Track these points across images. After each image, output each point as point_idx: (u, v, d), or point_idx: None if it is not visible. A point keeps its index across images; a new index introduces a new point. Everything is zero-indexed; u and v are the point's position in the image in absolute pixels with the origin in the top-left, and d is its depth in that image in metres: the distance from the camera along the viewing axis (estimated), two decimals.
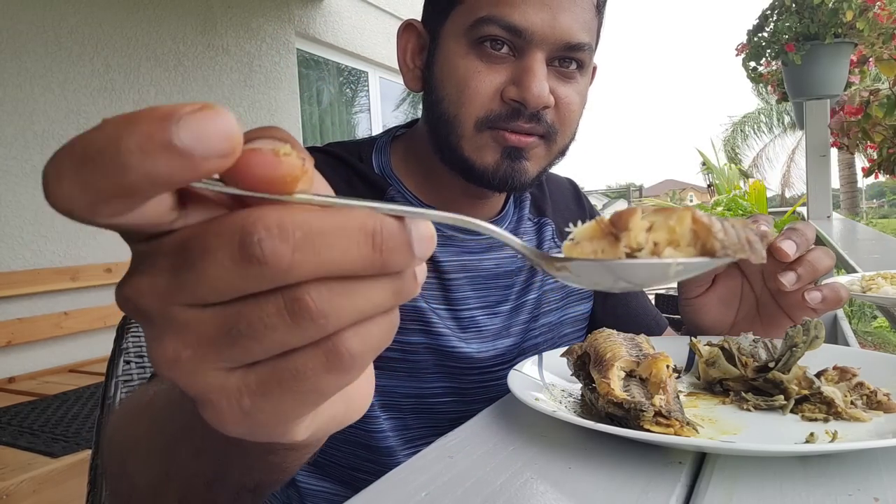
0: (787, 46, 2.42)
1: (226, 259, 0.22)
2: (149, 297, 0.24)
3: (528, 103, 0.67)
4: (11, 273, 2.85)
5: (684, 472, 0.42)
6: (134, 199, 0.20)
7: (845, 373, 0.55)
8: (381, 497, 0.41)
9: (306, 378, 0.24)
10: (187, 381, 0.24)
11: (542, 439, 0.48)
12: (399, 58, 0.78)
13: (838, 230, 2.25)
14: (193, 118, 0.19)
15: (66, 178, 0.20)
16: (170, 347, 0.24)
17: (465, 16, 0.69)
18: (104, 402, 0.89)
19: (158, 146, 0.19)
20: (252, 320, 0.23)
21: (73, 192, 0.20)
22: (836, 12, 2.29)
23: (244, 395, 0.24)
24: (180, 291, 0.23)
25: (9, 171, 2.88)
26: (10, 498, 1.66)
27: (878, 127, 2.19)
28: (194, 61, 3.82)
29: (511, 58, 0.69)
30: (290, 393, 0.24)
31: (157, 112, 0.20)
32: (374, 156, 0.81)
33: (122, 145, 0.19)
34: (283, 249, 0.21)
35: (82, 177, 0.20)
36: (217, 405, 0.24)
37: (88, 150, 0.20)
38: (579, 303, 0.91)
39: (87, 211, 0.21)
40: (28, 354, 2.91)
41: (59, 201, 0.20)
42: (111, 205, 0.20)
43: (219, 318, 0.23)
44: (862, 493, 0.38)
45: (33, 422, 2.16)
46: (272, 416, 0.25)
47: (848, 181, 16.76)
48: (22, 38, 2.95)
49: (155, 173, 0.19)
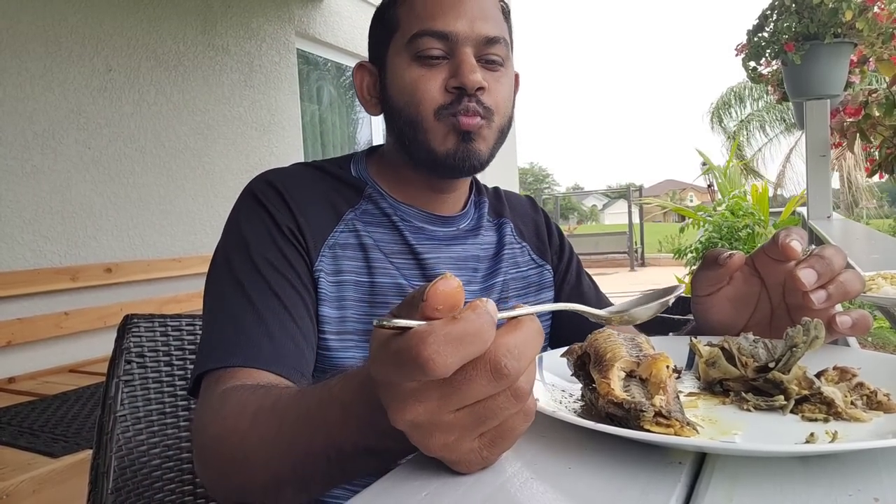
0: (786, 46, 2.41)
1: (483, 381, 0.36)
2: (424, 415, 0.37)
3: (467, 86, 0.81)
4: (11, 273, 2.85)
5: (684, 472, 0.42)
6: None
7: (845, 373, 0.55)
8: (381, 497, 0.41)
9: (515, 430, 0.40)
10: (452, 455, 0.40)
11: (542, 439, 0.49)
12: (358, 95, 0.93)
13: (838, 230, 2.25)
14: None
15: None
16: (440, 439, 0.39)
17: (402, 37, 0.85)
18: (105, 401, 0.89)
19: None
20: (493, 409, 0.38)
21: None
22: (835, 12, 2.29)
23: (484, 449, 0.40)
24: (448, 406, 0.37)
25: (9, 171, 2.88)
26: (10, 498, 1.67)
27: (878, 127, 2.19)
28: (194, 61, 3.82)
29: (446, 60, 0.83)
30: (506, 440, 0.40)
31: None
32: (352, 166, 0.94)
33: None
34: (516, 365, 0.36)
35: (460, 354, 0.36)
36: (468, 461, 0.40)
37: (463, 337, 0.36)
38: (539, 292, 1.02)
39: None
40: (28, 354, 2.91)
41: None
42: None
43: (473, 414, 0.38)
44: (862, 494, 0.38)
45: (33, 422, 2.16)
46: (496, 456, 0.41)
47: (848, 181, 16.76)
48: (22, 38, 2.95)
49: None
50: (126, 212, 3.39)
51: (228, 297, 0.77)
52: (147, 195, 3.50)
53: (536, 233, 1.07)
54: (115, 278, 3.27)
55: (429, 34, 0.82)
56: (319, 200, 0.87)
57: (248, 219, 0.83)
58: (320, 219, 0.85)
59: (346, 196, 0.89)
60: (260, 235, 0.81)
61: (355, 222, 0.87)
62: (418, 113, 0.83)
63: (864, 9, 2.29)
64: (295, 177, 0.88)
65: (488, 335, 0.35)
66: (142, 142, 3.48)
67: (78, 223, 3.17)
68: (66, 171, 3.11)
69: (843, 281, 0.62)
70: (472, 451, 0.40)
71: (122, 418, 0.88)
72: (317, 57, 4.98)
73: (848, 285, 0.62)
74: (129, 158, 3.41)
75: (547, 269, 1.04)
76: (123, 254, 3.37)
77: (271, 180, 0.86)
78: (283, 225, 0.82)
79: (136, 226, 3.45)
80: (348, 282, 0.84)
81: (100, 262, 3.23)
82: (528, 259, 1.02)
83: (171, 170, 3.64)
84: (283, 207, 0.83)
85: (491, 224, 1.01)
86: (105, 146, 3.29)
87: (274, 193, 0.84)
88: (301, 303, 0.79)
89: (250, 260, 0.79)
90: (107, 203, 3.30)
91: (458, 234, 0.94)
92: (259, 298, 0.76)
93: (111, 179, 3.32)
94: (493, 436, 0.40)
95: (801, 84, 2.56)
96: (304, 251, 0.82)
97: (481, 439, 0.40)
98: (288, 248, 0.81)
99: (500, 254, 0.97)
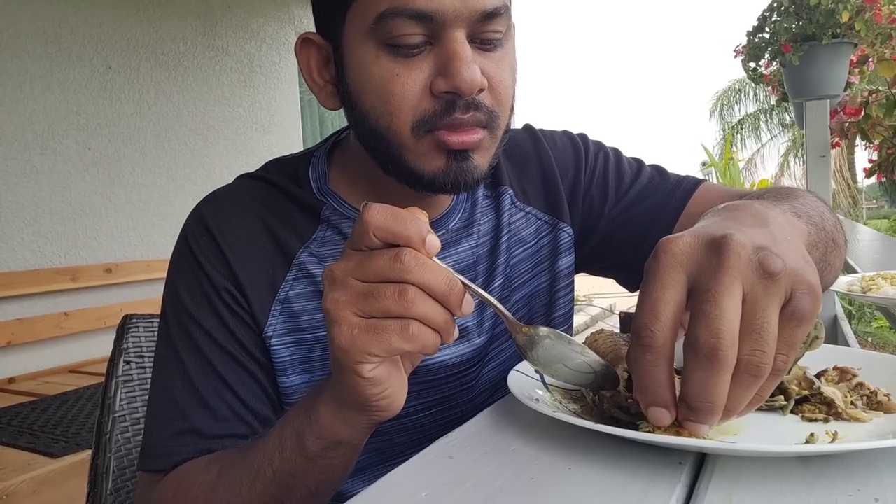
0: (783, 47, 2.42)
1: (385, 258, 0.46)
2: (341, 271, 0.48)
3: (462, 91, 0.59)
4: (11, 273, 2.85)
5: (684, 472, 0.42)
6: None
7: (845, 373, 0.56)
8: (381, 497, 0.41)
9: (388, 333, 0.46)
10: (335, 311, 0.47)
11: (542, 440, 0.49)
12: (305, 77, 0.70)
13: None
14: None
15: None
16: (337, 293, 0.47)
17: (364, 15, 0.60)
18: (104, 402, 0.89)
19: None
20: (380, 290, 0.46)
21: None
22: (832, 13, 2.29)
23: (356, 328, 0.47)
24: (356, 270, 0.47)
25: (9, 171, 2.88)
26: (10, 498, 1.67)
27: (878, 127, 2.20)
28: (194, 61, 3.82)
29: (428, 46, 0.60)
30: (377, 336, 0.46)
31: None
32: (311, 172, 0.75)
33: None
34: (411, 261, 0.46)
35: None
36: (341, 327, 0.47)
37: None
38: (554, 262, 0.83)
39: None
40: (28, 355, 2.91)
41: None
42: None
43: (366, 286, 0.47)
44: (862, 494, 0.38)
45: (33, 422, 2.16)
46: (363, 344, 0.47)
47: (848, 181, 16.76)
48: (22, 38, 2.95)
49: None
50: (126, 212, 3.39)
51: (170, 376, 0.67)
52: (147, 195, 3.50)
53: (543, 182, 0.84)
54: (114, 278, 3.27)
55: (402, 14, 0.58)
56: (265, 241, 0.71)
57: (183, 275, 0.70)
58: (266, 269, 0.69)
59: (297, 227, 0.72)
60: (196, 299, 0.68)
61: (309, 265, 0.70)
62: (390, 126, 0.62)
63: (861, 9, 2.29)
64: (235, 209, 0.71)
65: (411, 226, 0.46)
66: (142, 142, 3.48)
67: (78, 223, 3.17)
68: (66, 172, 3.11)
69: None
70: (347, 321, 0.47)
71: (120, 418, 0.88)
72: None
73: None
74: (129, 159, 3.41)
75: (562, 227, 0.83)
76: (123, 254, 3.37)
77: (206, 221, 0.70)
78: (221, 287, 0.68)
79: (136, 226, 3.45)
80: (311, 340, 0.69)
81: (100, 263, 3.23)
82: (535, 227, 0.83)
83: (171, 170, 3.64)
84: (219, 261, 0.68)
85: (488, 203, 0.81)
86: (105, 146, 3.29)
87: (207, 241, 0.69)
88: (251, 379, 0.68)
89: (187, 333, 0.67)
90: (107, 203, 3.30)
91: (447, 238, 0.76)
92: (202, 382, 0.66)
93: (111, 180, 3.32)
94: (369, 324, 0.47)
95: (800, 84, 2.56)
96: (248, 316, 0.68)
97: (360, 320, 0.47)
98: (229, 316, 0.68)
99: (498, 243, 0.79)
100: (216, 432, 0.65)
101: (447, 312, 0.47)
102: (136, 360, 0.92)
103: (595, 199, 0.85)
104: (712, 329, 0.39)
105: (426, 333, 0.47)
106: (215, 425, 0.65)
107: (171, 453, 0.65)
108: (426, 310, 0.46)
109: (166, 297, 0.71)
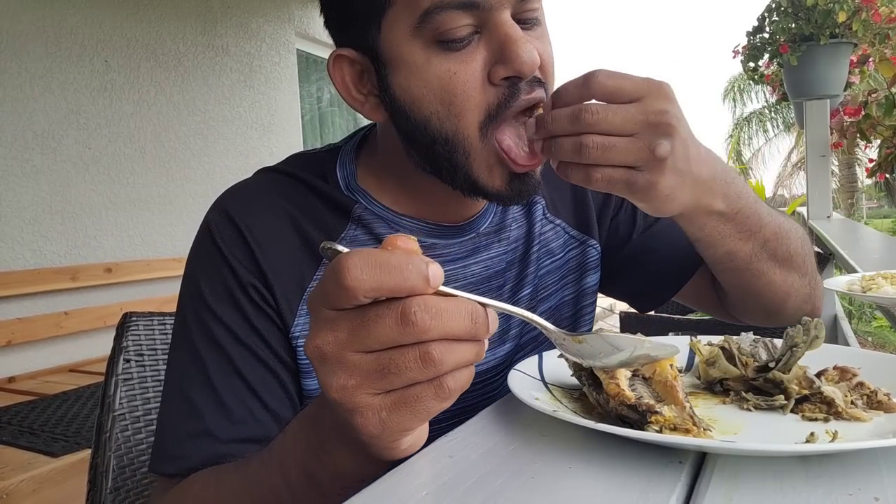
0: (781, 48, 2.42)
1: (390, 322, 0.37)
2: (332, 346, 0.39)
3: (525, 73, 0.59)
4: (11, 273, 2.85)
5: (684, 471, 0.42)
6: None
7: (845, 373, 0.56)
8: (381, 497, 0.41)
9: (421, 402, 0.39)
10: (349, 401, 0.39)
11: (542, 439, 0.48)
12: (343, 95, 0.68)
13: (838, 230, 2.25)
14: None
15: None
16: (342, 379, 0.39)
17: (405, 17, 0.59)
18: (104, 401, 0.89)
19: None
20: (397, 363, 0.38)
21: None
22: (829, 13, 2.30)
23: (383, 410, 0.40)
24: (354, 342, 0.38)
25: (9, 171, 2.88)
26: (10, 497, 1.67)
27: (878, 127, 2.20)
28: (194, 61, 3.82)
29: (476, 36, 0.60)
30: (410, 410, 0.40)
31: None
32: (338, 169, 0.73)
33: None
34: (425, 317, 0.37)
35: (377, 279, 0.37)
36: (365, 416, 0.40)
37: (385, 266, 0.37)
38: (580, 279, 0.84)
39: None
40: (28, 354, 2.91)
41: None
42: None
43: (376, 361, 0.38)
44: (862, 493, 0.38)
45: (33, 421, 2.16)
46: (396, 424, 0.40)
47: (848, 181, 16.75)
48: (22, 38, 2.95)
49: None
50: (126, 212, 3.39)
51: (186, 372, 0.65)
52: (147, 195, 3.50)
53: (574, 196, 0.84)
54: (115, 278, 3.27)
55: (449, 6, 0.57)
56: (292, 237, 0.68)
57: (205, 270, 0.67)
58: (294, 266, 0.67)
59: (325, 224, 0.70)
60: (218, 294, 0.65)
61: None
62: (458, 129, 0.61)
63: (857, 9, 2.29)
64: (262, 203, 0.69)
65: (408, 273, 0.37)
66: (142, 142, 3.48)
67: (78, 223, 3.17)
68: (66, 171, 3.11)
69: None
70: (369, 407, 0.39)
71: (120, 417, 0.88)
72: (317, 57, 4.97)
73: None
74: (129, 158, 3.41)
75: (591, 243, 0.83)
76: (123, 254, 3.37)
77: (232, 215, 0.68)
78: (247, 283, 0.65)
79: (136, 226, 3.45)
80: None
81: (100, 262, 3.23)
82: (563, 241, 0.83)
83: (171, 170, 3.64)
84: (246, 256, 0.66)
85: (520, 210, 0.81)
86: (105, 146, 3.29)
87: (233, 235, 0.67)
88: (273, 379, 0.65)
89: (207, 328, 0.65)
90: (107, 203, 3.30)
91: (478, 241, 0.75)
92: (220, 380, 0.63)
93: (111, 179, 3.32)
94: (396, 399, 0.39)
95: (800, 84, 2.56)
96: (274, 314, 0.66)
97: (384, 398, 0.39)
98: (254, 312, 0.65)
99: (528, 252, 0.79)
100: (231, 436, 0.62)
101: (477, 344, 0.41)
102: (136, 359, 0.92)
103: (622, 223, 0.85)
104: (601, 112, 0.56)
105: (461, 378, 0.40)
106: (231, 428, 0.62)
107: (183, 457, 0.62)
108: (456, 359, 0.39)
109: (184, 291, 0.68)
